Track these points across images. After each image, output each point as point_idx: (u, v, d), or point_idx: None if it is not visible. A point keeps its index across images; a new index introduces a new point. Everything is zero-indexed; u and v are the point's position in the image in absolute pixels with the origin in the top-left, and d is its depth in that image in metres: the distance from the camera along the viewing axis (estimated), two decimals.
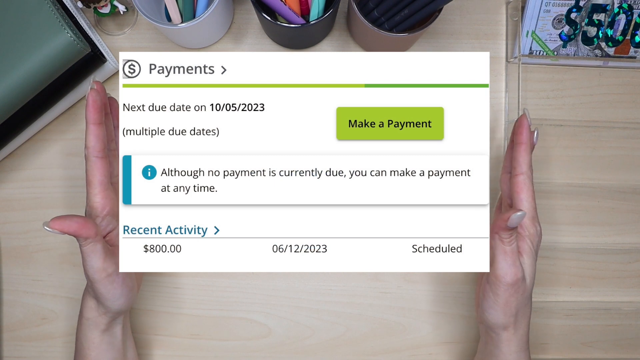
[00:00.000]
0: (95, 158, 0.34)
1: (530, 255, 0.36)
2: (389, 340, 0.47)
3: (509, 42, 0.48)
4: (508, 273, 0.34)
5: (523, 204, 0.36)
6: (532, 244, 0.36)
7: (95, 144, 0.34)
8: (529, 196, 0.36)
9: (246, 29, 0.48)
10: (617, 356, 0.48)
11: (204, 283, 0.47)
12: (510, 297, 0.35)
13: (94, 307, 0.37)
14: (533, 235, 0.36)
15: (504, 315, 0.36)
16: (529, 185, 0.36)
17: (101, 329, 0.38)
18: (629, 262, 0.48)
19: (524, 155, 0.36)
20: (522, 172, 0.36)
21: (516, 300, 0.35)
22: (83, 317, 0.38)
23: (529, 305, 0.37)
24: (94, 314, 0.37)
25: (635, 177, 0.48)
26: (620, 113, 0.48)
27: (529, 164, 0.36)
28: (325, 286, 0.47)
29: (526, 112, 0.37)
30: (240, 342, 0.47)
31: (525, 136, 0.36)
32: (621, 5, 0.46)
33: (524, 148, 0.36)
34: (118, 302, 0.36)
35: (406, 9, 0.40)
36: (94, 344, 0.38)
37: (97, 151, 0.34)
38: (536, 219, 0.36)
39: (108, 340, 0.38)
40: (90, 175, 0.35)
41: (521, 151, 0.36)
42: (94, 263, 0.34)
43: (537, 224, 0.37)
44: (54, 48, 0.38)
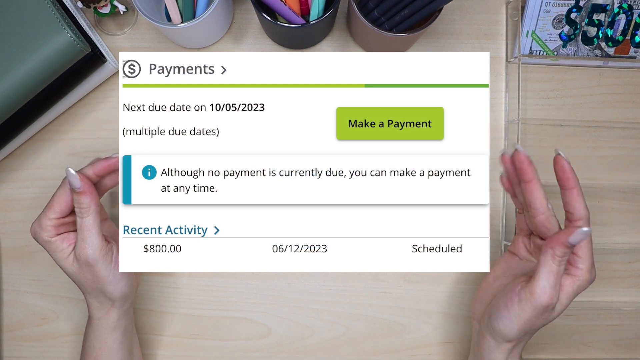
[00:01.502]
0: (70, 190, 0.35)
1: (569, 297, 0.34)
2: (389, 340, 0.47)
3: (509, 42, 0.48)
4: (546, 294, 0.32)
5: (584, 251, 0.33)
6: (579, 288, 0.34)
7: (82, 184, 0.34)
8: (589, 243, 0.34)
9: (246, 29, 0.48)
10: (617, 356, 0.48)
11: (204, 283, 0.47)
12: (534, 318, 0.33)
13: (100, 305, 0.38)
14: (586, 280, 0.34)
15: (518, 332, 0.34)
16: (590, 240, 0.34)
17: (111, 327, 0.38)
18: (629, 262, 0.48)
19: (580, 200, 0.33)
20: (582, 217, 0.33)
21: (536, 323, 0.34)
22: (93, 319, 0.38)
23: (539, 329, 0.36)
24: (102, 312, 0.38)
25: (635, 177, 0.48)
26: (620, 113, 0.48)
27: (585, 206, 0.33)
28: (325, 286, 0.47)
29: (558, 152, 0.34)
30: (240, 342, 0.47)
31: (574, 179, 0.33)
32: (621, 5, 0.46)
33: (577, 192, 0.33)
34: (120, 284, 0.37)
35: (406, 9, 0.40)
36: (106, 344, 0.38)
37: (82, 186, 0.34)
38: (594, 267, 0.34)
39: (119, 339, 0.39)
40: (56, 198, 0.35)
41: (575, 196, 0.33)
42: (94, 238, 0.34)
43: (594, 271, 0.34)
44: (54, 48, 0.38)
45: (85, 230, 0.34)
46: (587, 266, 0.34)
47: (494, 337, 0.36)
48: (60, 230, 0.36)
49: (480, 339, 0.38)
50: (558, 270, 0.32)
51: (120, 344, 0.39)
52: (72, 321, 0.47)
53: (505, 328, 0.34)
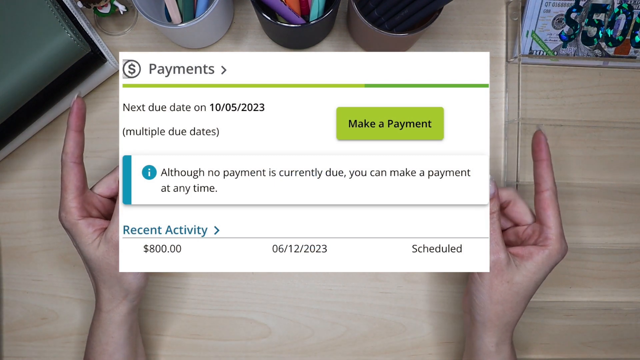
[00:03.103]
0: (72, 164, 0.36)
1: (538, 265, 0.35)
2: (389, 340, 0.47)
3: (509, 42, 0.48)
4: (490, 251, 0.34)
5: (550, 220, 0.35)
6: (549, 258, 0.35)
7: (74, 150, 0.36)
8: (556, 212, 0.36)
9: (246, 29, 0.48)
10: (617, 356, 0.48)
11: (204, 283, 0.47)
12: (496, 285, 0.35)
13: (112, 297, 0.38)
14: (556, 250, 0.35)
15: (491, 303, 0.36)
16: (555, 202, 0.36)
17: (119, 321, 0.38)
18: (629, 262, 0.48)
19: (547, 172, 0.36)
20: (548, 188, 0.36)
21: (502, 288, 0.35)
22: (102, 312, 0.38)
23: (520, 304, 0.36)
24: (113, 305, 0.38)
25: (635, 177, 0.48)
26: (620, 113, 0.48)
27: (553, 179, 0.36)
28: (325, 286, 0.47)
29: (541, 127, 0.37)
30: (240, 342, 0.47)
31: (545, 152, 0.36)
32: (621, 5, 0.46)
33: (546, 164, 0.36)
34: (139, 275, 0.37)
35: (406, 9, 0.40)
36: (113, 339, 0.39)
37: (76, 157, 0.36)
38: (563, 237, 0.36)
39: (125, 334, 0.39)
40: (66, 180, 0.36)
41: (544, 167, 0.36)
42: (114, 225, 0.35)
43: (564, 241, 0.36)
44: (54, 48, 0.38)
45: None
46: (556, 234, 0.35)
47: (478, 319, 0.37)
48: (84, 212, 0.36)
49: (470, 330, 0.39)
50: (492, 226, 0.35)
51: (126, 340, 0.39)
52: (72, 321, 0.47)
53: (479, 302, 0.36)
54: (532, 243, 0.36)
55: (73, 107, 0.36)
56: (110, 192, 0.38)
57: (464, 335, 0.47)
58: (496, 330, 0.37)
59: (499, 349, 0.37)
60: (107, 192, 0.38)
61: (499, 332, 0.37)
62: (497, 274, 0.35)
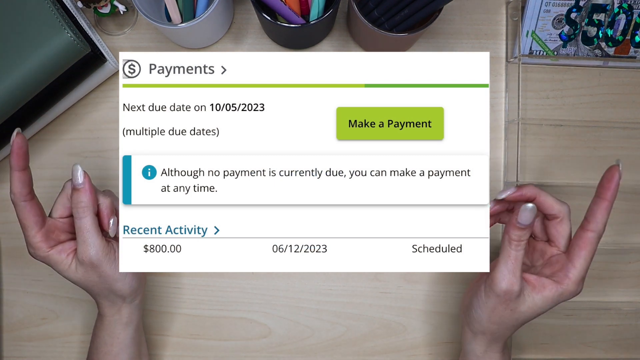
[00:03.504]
0: (24, 202, 0.35)
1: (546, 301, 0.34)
2: (389, 340, 0.47)
3: (509, 42, 0.48)
4: (505, 280, 0.33)
5: (579, 262, 0.34)
6: (559, 297, 0.34)
7: (22, 189, 0.35)
8: (589, 256, 0.34)
9: (246, 29, 0.48)
10: (617, 356, 0.48)
11: (204, 283, 0.47)
12: (499, 307, 0.35)
13: (110, 304, 0.38)
14: (569, 292, 0.34)
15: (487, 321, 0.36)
16: (594, 246, 0.34)
17: (124, 322, 0.39)
18: (629, 262, 0.48)
19: (604, 214, 0.33)
20: (595, 230, 0.33)
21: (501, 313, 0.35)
22: (105, 316, 0.38)
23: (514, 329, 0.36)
24: (113, 310, 0.38)
25: (635, 177, 0.48)
26: (620, 113, 0.48)
27: (605, 222, 0.34)
28: (325, 286, 0.47)
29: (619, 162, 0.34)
30: (240, 342, 0.47)
31: (612, 194, 0.33)
32: (621, 5, 0.46)
33: (607, 205, 0.33)
34: (127, 280, 0.37)
35: (406, 9, 0.40)
36: (119, 339, 0.39)
37: (25, 195, 0.35)
38: (583, 281, 0.34)
39: (131, 334, 0.39)
40: (23, 219, 0.35)
41: (603, 209, 0.33)
42: (95, 240, 0.35)
43: (582, 284, 0.34)
44: (54, 48, 0.38)
45: (84, 231, 0.35)
46: (576, 277, 0.34)
47: (470, 328, 0.38)
48: (51, 241, 0.36)
49: (463, 332, 0.40)
50: (516, 255, 0.33)
51: (132, 339, 0.39)
52: (72, 321, 0.47)
53: (477, 316, 0.36)
54: (549, 273, 0.35)
55: (13, 146, 0.33)
56: (68, 212, 0.37)
57: None
58: (486, 341, 0.37)
59: (487, 355, 0.38)
60: (66, 213, 0.37)
61: (488, 343, 0.37)
62: (504, 302, 0.34)
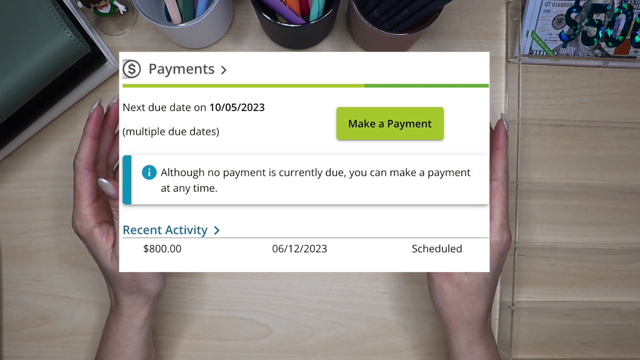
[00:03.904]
0: (86, 170, 0.35)
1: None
2: (389, 340, 0.47)
3: (509, 42, 0.48)
4: None
5: (494, 211, 0.35)
6: (493, 251, 0.35)
7: (89, 156, 0.35)
8: (501, 203, 0.35)
9: (246, 29, 0.48)
10: (617, 356, 0.48)
11: (204, 283, 0.47)
12: (446, 287, 0.36)
13: (133, 303, 0.38)
14: (496, 243, 0.35)
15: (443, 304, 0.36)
16: (502, 192, 0.35)
17: (139, 325, 0.38)
18: (629, 262, 0.48)
19: (500, 161, 0.35)
20: (497, 178, 0.35)
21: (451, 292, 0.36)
22: (122, 317, 0.38)
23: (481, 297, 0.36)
24: (134, 310, 0.38)
25: (635, 177, 0.48)
26: (620, 113, 0.48)
27: (504, 169, 0.35)
28: (325, 286, 0.47)
29: (503, 116, 0.36)
30: (240, 342, 0.47)
31: (502, 142, 0.35)
32: (621, 5, 0.46)
33: (499, 154, 0.35)
34: (158, 281, 0.37)
35: (406, 9, 0.40)
36: (133, 342, 0.39)
37: (90, 164, 0.35)
38: (505, 227, 0.35)
39: (144, 337, 0.39)
40: (80, 187, 0.35)
41: (497, 157, 0.35)
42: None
43: (505, 232, 0.35)
44: (54, 48, 0.38)
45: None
46: (497, 226, 0.35)
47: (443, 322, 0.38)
48: (99, 218, 0.36)
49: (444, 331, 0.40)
50: None
51: (145, 342, 0.39)
52: (72, 321, 0.47)
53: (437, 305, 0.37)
54: None
55: (93, 114, 0.35)
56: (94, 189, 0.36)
57: None
58: (460, 330, 0.37)
59: (470, 349, 0.37)
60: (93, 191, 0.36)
61: (464, 333, 0.37)
62: (445, 279, 0.36)
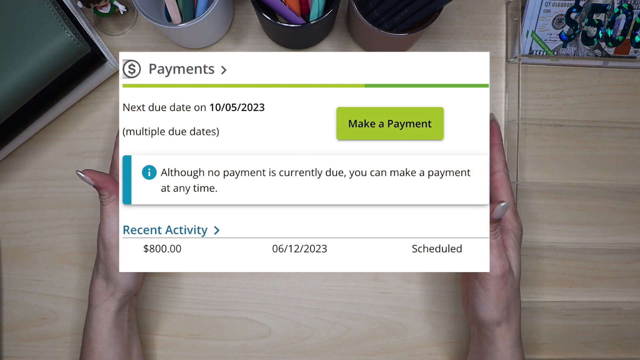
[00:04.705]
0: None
1: (514, 248, 0.37)
2: (389, 340, 0.47)
3: (509, 42, 0.48)
4: (497, 266, 0.35)
5: (503, 198, 0.38)
6: (515, 237, 0.38)
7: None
8: (508, 191, 0.38)
9: (246, 29, 0.48)
10: (617, 356, 0.48)
11: (204, 283, 0.47)
12: (500, 291, 0.36)
13: (103, 289, 0.38)
14: (516, 228, 0.38)
15: (497, 310, 0.36)
16: (507, 182, 0.39)
17: (106, 319, 0.38)
18: (629, 262, 0.48)
19: (500, 154, 0.39)
20: (500, 169, 0.39)
21: (506, 293, 0.36)
22: (91, 307, 0.39)
23: (519, 298, 0.38)
24: (101, 299, 0.38)
25: (635, 177, 0.48)
26: (620, 113, 0.48)
27: (504, 162, 0.40)
28: (325, 286, 0.47)
29: (493, 116, 0.42)
30: (240, 342, 0.47)
31: (497, 137, 0.40)
32: (621, 5, 0.46)
33: (498, 148, 0.40)
34: (128, 275, 0.37)
35: (406, 9, 0.40)
36: (101, 337, 0.39)
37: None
38: (517, 213, 0.39)
39: (115, 333, 0.39)
40: (116, 157, 0.38)
41: (496, 150, 0.39)
42: (113, 224, 0.36)
43: (518, 217, 0.39)
44: (54, 48, 0.38)
45: (105, 214, 0.36)
46: (510, 213, 0.38)
47: (486, 328, 0.38)
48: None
49: (480, 337, 0.39)
50: (497, 242, 0.35)
51: (115, 338, 0.39)
52: (72, 321, 0.47)
53: (485, 313, 0.37)
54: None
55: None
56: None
57: (465, 336, 0.47)
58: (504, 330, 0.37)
59: (513, 351, 0.38)
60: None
61: (510, 336, 0.37)
62: (503, 284, 0.36)
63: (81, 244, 0.47)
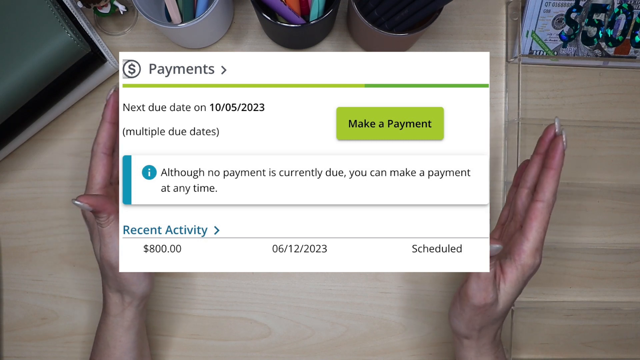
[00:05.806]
0: (102, 154, 0.36)
1: (513, 285, 0.34)
2: (389, 340, 0.47)
3: (509, 42, 0.48)
4: (476, 296, 0.34)
5: (532, 233, 0.34)
6: (523, 275, 0.34)
7: (106, 140, 0.36)
8: (541, 227, 0.34)
9: (246, 29, 0.48)
10: (617, 356, 0.48)
11: (204, 283, 0.47)
12: (475, 317, 0.35)
13: (119, 302, 0.38)
14: (530, 266, 0.34)
15: (466, 329, 0.36)
16: (545, 216, 0.34)
17: (127, 326, 0.38)
18: (629, 262, 0.48)
19: (551, 183, 0.33)
20: (544, 199, 0.33)
21: (481, 320, 0.35)
22: (109, 316, 0.38)
23: (498, 324, 0.37)
24: (119, 309, 0.38)
25: (635, 177, 0.48)
26: (620, 113, 0.48)
27: (553, 192, 0.33)
28: (325, 286, 0.47)
29: (564, 133, 0.33)
30: (240, 342, 0.47)
31: (558, 161, 0.33)
32: (621, 5, 0.46)
33: (552, 174, 0.33)
34: (143, 284, 0.37)
35: (406, 9, 0.40)
36: (121, 343, 0.39)
37: (107, 148, 0.36)
38: (539, 252, 0.34)
39: (133, 338, 0.39)
40: (94, 170, 0.36)
41: (549, 177, 0.33)
42: (116, 244, 0.35)
43: (539, 256, 0.34)
44: (54, 48, 0.38)
45: (106, 236, 0.35)
46: (530, 249, 0.34)
47: (456, 336, 0.38)
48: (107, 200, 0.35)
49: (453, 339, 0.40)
50: (487, 275, 0.33)
51: (134, 343, 0.39)
52: (72, 321, 0.47)
53: (455, 326, 0.37)
54: (507, 251, 0.35)
55: (110, 100, 0.36)
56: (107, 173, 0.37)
57: None
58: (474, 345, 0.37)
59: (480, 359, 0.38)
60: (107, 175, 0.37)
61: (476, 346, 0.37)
62: (481, 312, 0.35)
63: (81, 244, 0.47)
